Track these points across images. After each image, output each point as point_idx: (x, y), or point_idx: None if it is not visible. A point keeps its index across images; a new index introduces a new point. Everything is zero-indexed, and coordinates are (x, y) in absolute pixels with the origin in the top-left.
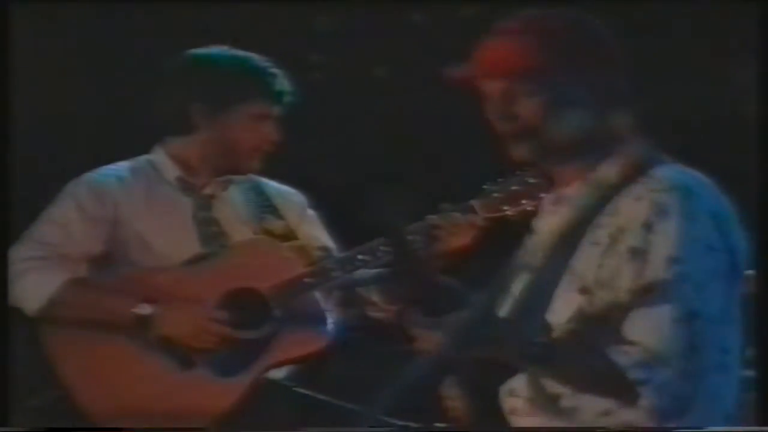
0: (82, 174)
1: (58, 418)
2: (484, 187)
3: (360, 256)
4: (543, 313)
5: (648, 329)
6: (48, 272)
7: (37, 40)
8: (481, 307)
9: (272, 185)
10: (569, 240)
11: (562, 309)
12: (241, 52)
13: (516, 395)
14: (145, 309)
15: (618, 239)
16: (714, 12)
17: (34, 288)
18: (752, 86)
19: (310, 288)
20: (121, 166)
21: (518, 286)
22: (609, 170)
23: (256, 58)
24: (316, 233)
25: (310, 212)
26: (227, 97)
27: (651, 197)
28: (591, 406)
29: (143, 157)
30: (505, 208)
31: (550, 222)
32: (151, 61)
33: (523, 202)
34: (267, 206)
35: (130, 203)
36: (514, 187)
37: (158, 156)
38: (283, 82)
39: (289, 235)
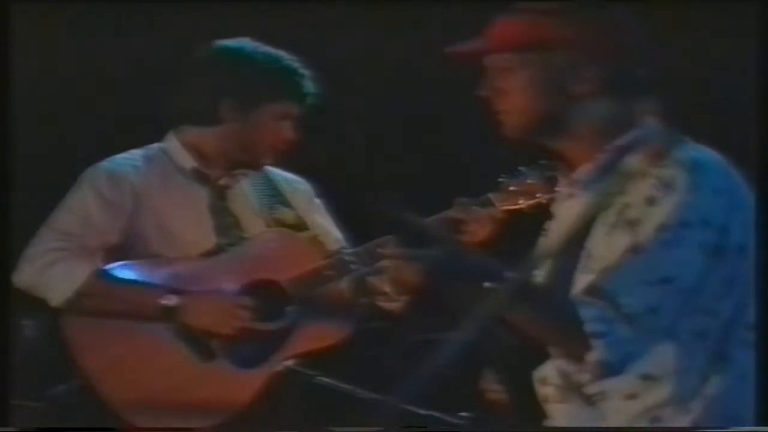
0: (97, 162)
1: (73, 410)
2: (501, 180)
3: (379, 249)
4: (566, 296)
5: (621, 287)
6: (74, 263)
7: (37, 40)
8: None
9: (278, 173)
10: (587, 223)
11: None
12: (272, 50)
13: (547, 383)
14: (171, 300)
15: (623, 214)
16: (713, 11)
17: (61, 279)
18: (752, 86)
19: (330, 280)
20: (134, 154)
21: (542, 271)
22: (633, 160)
23: (287, 57)
24: (324, 222)
25: (317, 201)
26: (259, 95)
27: (657, 173)
28: (616, 390)
29: (155, 145)
30: (521, 201)
31: (569, 206)
32: (152, 59)
33: (538, 195)
34: (276, 196)
35: (148, 191)
36: (530, 180)
37: (172, 144)
38: (310, 84)
39: (300, 225)
